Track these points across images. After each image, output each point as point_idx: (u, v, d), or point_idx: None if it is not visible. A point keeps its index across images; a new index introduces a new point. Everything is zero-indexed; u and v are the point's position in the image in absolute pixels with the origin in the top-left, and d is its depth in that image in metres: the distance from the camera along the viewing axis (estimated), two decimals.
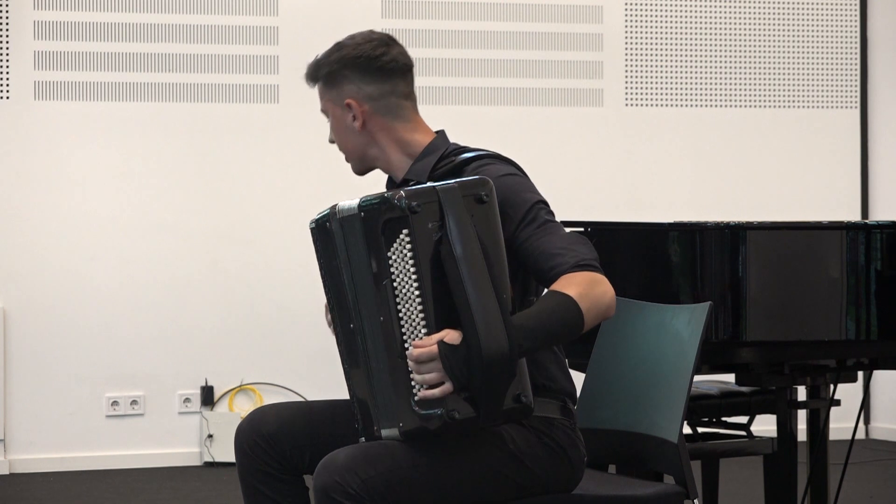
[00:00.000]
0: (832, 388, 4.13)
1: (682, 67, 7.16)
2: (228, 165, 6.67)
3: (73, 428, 6.48)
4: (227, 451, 6.41)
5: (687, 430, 4.19)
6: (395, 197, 2.52)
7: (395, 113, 2.86)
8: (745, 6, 7.24)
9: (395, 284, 2.52)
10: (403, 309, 2.52)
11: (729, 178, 7.21)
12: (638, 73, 7.11)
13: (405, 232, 2.51)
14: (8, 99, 6.46)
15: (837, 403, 4.18)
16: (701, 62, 7.19)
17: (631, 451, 3.11)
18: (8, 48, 6.46)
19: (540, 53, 7.00)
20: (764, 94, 7.27)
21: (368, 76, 2.85)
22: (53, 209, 6.49)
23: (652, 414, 3.04)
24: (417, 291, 2.51)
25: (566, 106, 7.03)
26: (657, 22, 7.14)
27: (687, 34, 7.17)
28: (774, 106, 7.28)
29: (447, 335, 2.50)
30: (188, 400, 6.59)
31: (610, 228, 4.12)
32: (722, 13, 7.22)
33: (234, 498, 2.92)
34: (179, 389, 6.60)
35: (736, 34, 7.23)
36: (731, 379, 4.19)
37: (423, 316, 2.51)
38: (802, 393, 4.16)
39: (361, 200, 2.57)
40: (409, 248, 2.51)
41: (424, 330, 2.52)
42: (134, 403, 6.55)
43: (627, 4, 7.11)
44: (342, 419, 2.86)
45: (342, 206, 2.64)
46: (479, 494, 2.68)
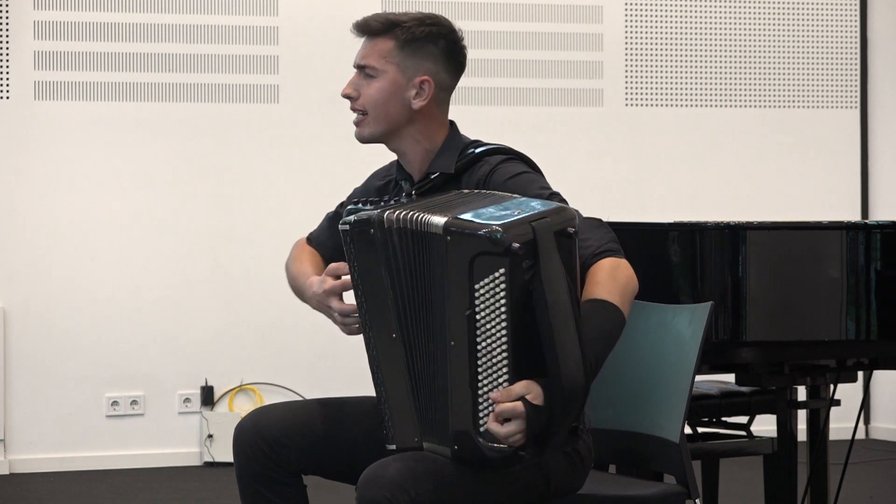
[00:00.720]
0: (832, 388, 4.13)
1: (681, 67, 7.16)
2: (228, 165, 6.67)
3: (73, 428, 6.47)
4: (227, 451, 6.41)
5: (687, 430, 4.19)
6: (493, 232, 2.43)
7: (444, 109, 2.86)
8: (745, 6, 7.24)
9: (478, 317, 2.45)
10: (484, 343, 2.46)
11: (729, 178, 7.21)
12: (638, 73, 7.11)
13: (501, 272, 2.43)
14: (8, 99, 6.46)
15: (837, 403, 4.18)
16: (701, 62, 7.19)
17: (632, 451, 3.11)
18: (8, 48, 6.46)
19: (540, 53, 6.99)
20: (764, 94, 7.27)
21: (452, 65, 2.83)
22: (53, 209, 6.49)
23: (653, 414, 3.04)
24: (504, 332, 2.45)
25: (566, 106, 7.03)
26: (657, 22, 7.14)
27: (687, 34, 7.17)
28: (774, 106, 7.28)
29: (530, 392, 2.45)
30: (188, 400, 6.59)
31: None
32: (722, 13, 7.21)
33: (233, 498, 2.91)
34: (179, 389, 6.59)
35: (736, 34, 7.22)
36: (731, 379, 4.19)
37: (505, 356, 2.46)
38: (802, 393, 4.16)
39: (447, 223, 2.48)
40: (503, 288, 2.44)
41: (506, 372, 2.46)
42: (134, 403, 6.54)
43: (627, 4, 7.10)
44: (343, 419, 2.84)
45: (391, 216, 2.56)
46: None
